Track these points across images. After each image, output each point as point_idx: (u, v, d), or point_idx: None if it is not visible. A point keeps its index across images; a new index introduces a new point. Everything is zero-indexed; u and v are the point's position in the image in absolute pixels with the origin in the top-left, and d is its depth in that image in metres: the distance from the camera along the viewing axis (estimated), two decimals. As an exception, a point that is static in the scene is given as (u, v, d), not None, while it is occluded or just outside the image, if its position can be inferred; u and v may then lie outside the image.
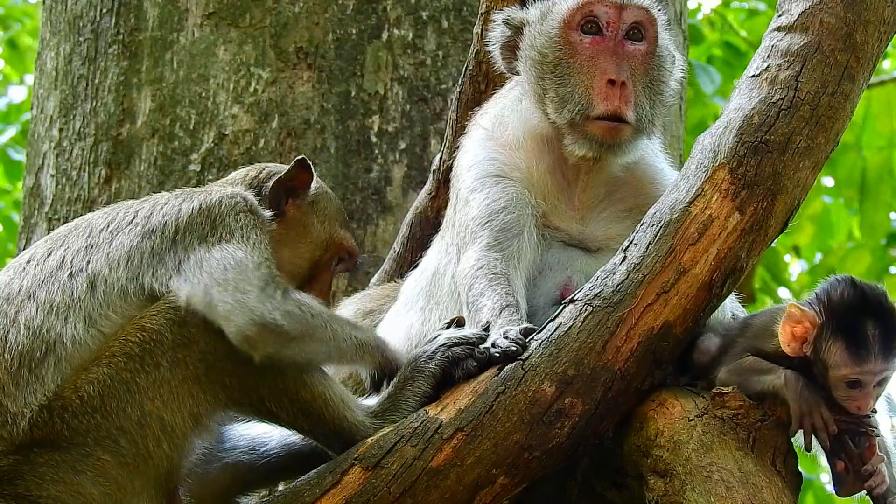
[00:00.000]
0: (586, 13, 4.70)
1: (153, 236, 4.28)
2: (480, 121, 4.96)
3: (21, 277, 4.27)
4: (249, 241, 4.31)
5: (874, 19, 4.35)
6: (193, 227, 4.31)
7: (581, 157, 4.69)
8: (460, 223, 4.78)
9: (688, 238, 4.24)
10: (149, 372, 4.12)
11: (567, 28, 4.71)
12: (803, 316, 4.16)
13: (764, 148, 4.25)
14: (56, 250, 4.32)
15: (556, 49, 4.71)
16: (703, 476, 4.10)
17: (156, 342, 4.13)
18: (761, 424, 4.18)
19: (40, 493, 4.07)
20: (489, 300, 4.48)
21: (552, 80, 4.70)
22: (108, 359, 4.11)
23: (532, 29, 4.79)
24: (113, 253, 4.25)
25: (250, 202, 4.45)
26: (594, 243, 4.75)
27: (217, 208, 4.36)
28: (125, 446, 4.09)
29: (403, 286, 5.06)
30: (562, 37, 4.71)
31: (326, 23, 6.84)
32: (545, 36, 4.74)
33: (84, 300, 4.19)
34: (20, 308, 4.18)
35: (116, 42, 6.98)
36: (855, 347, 4.09)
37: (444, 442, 4.17)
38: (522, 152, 4.79)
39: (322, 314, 4.28)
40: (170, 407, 4.13)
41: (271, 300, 4.17)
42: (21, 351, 4.12)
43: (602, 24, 4.69)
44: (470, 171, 4.82)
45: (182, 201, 4.38)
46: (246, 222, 4.37)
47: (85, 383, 4.09)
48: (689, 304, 4.22)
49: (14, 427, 4.07)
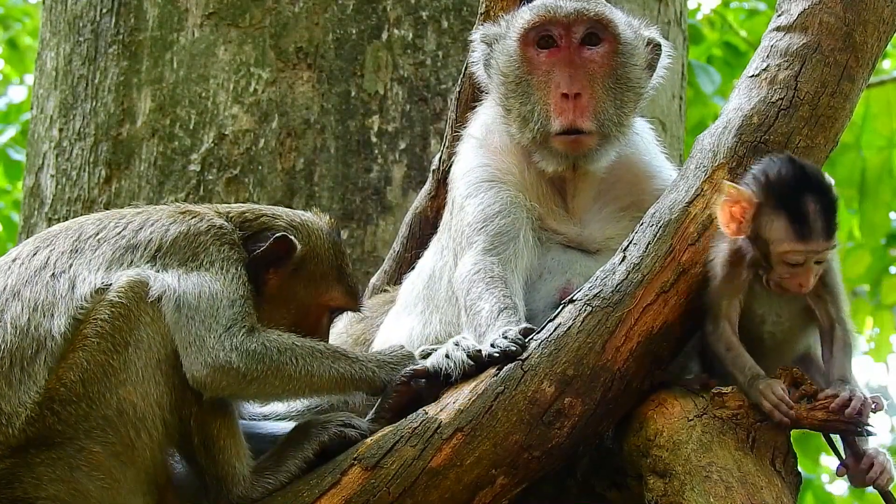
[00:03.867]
0: (539, 29, 4.68)
1: (134, 252, 4.32)
2: (471, 130, 4.97)
3: (6, 276, 4.31)
4: (228, 275, 4.32)
5: (873, 19, 4.35)
6: (176, 248, 4.34)
7: (553, 171, 4.69)
8: (456, 228, 4.78)
9: (687, 238, 4.24)
10: (119, 353, 4.15)
11: (524, 45, 4.70)
12: (740, 195, 4.12)
13: (763, 148, 4.25)
14: (42, 250, 4.36)
15: (516, 67, 4.72)
16: (702, 476, 4.10)
17: (123, 317, 4.17)
18: (760, 424, 4.18)
19: (38, 495, 4.09)
20: (487, 303, 4.48)
21: (515, 98, 4.71)
22: (83, 341, 4.16)
23: (497, 46, 4.79)
24: (94, 261, 4.30)
25: (236, 240, 4.44)
26: (593, 244, 4.75)
27: (203, 236, 4.38)
28: (112, 435, 4.14)
29: (401, 288, 5.07)
30: (520, 54, 4.71)
31: (326, 23, 6.84)
32: (505, 55, 4.74)
33: (66, 297, 4.23)
34: (5, 307, 4.22)
35: (116, 42, 6.98)
36: (797, 224, 4.06)
37: (443, 442, 4.17)
38: (513, 157, 4.79)
39: (294, 351, 4.30)
40: (139, 392, 4.16)
41: (232, 339, 4.22)
42: (11, 350, 4.15)
43: (556, 37, 4.68)
44: (464, 178, 4.82)
45: (172, 222, 4.40)
46: (229, 255, 4.37)
47: (66, 370, 4.14)
48: (688, 303, 4.22)
49: (10, 428, 4.09)
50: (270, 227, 4.54)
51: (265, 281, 4.49)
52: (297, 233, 4.55)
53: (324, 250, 4.62)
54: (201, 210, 4.53)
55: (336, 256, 4.65)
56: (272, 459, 4.36)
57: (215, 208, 4.59)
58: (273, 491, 4.29)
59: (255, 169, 6.68)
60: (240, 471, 4.29)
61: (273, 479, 4.31)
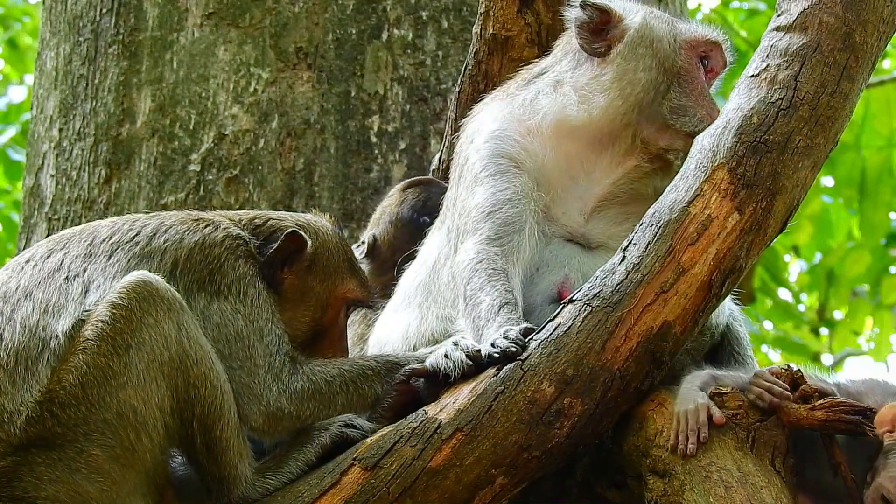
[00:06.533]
0: (708, 50, 4.89)
1: (150, 261, 4.34)
2: (509, 94, 4.98)
3: (18, 277, 4.33)
4: (248, 299, 4.38)
5: (873, 19, 4.35)
6: (192, 265, 4.37)
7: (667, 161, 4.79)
8: (462, 207, 4.78)
9: (687, 238, 4.24)
10: (120, 355, 4.15)
11: (692, 48, 4.85)
12: None
13: (763, 148, 4.25)
14: (56, 252, 4.37)
15: (682, 60, 4.81)
16: (702, 476, 4.10)
17: (125, 319, 4.17)
18: (760, 424, 4.18)
19: (38, 495, 4.10)
20: (488, 296, 4.48)
21: (675, 85, 4.78)
22: (83, 343, 4.16)
23: (643, 27, 4.83)
24: (109, 268, 4.31)
25: (251, 249, 4.48)
26: (594, 240, 4.75)
27: (217, 249, 4.42)
28: (111, 438, 4.14)
29: (402, 280, 5.05)
30: (688, 52, 4.83)
31: (326, 23, 6.84)
32: (668, 42, 4.82)
33: (76, 301, 4.24)
34: (16, 306, 4.23)
35: (116, 42, 6.98)
36: None
37: (443, 442, 4.18)
38: (541, 139, 4.80)
39: (335, 378, 4.40)
40: (140, 395, 4.16)
41: (278, 382, 4.31)
42: (17, 349, 4.16)
43: (707, 67, 4.88)
44: (487, 143, 4.83)
45: (186, 230, 4.43)
46: (245, 271, 4.42)
47: (66, 373, 4.14)
48: (688, 303, 4.22)
49: (11, 426, 4.10)
50: (279, 227, 4.60)
51: (281, 281, 4.54)
52: (305, 230, 4.61)
53: (333, 244, 4.70)
54: (215, 218, 4.56)
55: (345, 250, 4.75)
56: (274, 460, 4.37)
57: (228, 215, 4.63)
58: (274, 491, 4.30)
59: (255, 169, 6.68)
60: (242, 471, 4.30)
61: (274, 480, 4.32)
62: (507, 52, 5.50)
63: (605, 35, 4.84)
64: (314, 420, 4.39)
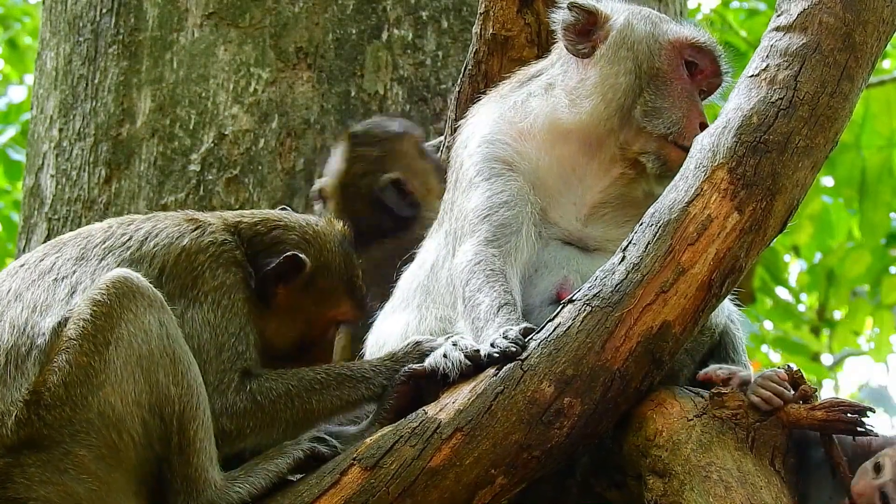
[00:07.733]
0: (695, 52, 4.80)
1: (140, 266, 4.34)
2: (503, 95, 4.95)
3: (11, 280, 4.36)
4: (219, 310, 4.35)
5: (873, 19, 4.35)
6: (177, 271, 4.37)
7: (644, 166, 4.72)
8: (459, 211, 4.77)
9: (687, 238, 4.24)
10: (101, 353, 4.14)
11: (675, 50, 4.78)
12: None
13: (763, 148, 4.25)
14: (50, 255, 4.40)
15: (661, 62, 4.75)
16: (701, 476, 4.10)
17: (105, 315, 4.16)
18: (760, 424, 4.18)
19: (30, 496, 4.10)
20: (487, 297, 4.47)
21: (649, 87, 4.73)
22: (67, 343, 4.16)
23: (625, 29, 4.79)
24: (99, 271, 4.32)
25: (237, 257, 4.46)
26: (592, 243, 4.75)
27: (202, 255, 4.40)
28: (95, 438, 4.13)
29: (400, 281, 5.04)
30: (669, 53, 4.77)
31: (326, 23, 6.84)
32: (647, 43, 4.77)
33: (62, 301, 4.25)
34: (6, 308, 4.25)
35: (116, 42, 6.98)
36: None
37: (442, 442, 4.17)
38: (534, 142, 4.78)
39: (289, 394, 4.36)
40: (117, 392, 4.14)
41: (222, 399, 4.30)
42: (7, 348, 4.17)
43: (695, 70, 4.80)
44: (480, 148, 4.81)
45: (178, 235, 4.42)
46: (223, 280, 4.40)
47: (50, 374, 4.14)
48: (687, 303, 4.22)
49: (3, 427, 4.11)
50: (282, 240, 4.55)
51: (274, 295, 4.51)
52: (309, 246, 4.57)
53: (335, 265, 4.64)
54: (207, 220, 4.53)
55: (347, 268, 4.67)
56: (245, 469, 4.34)
57: (224, 218, 4.59)
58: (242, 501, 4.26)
59: (255, 169, 6.68)
60: (212, 475, 4.26)
61: (242, 489, 4.27)
62: (506, 52, 5.50)
63: (591, 36, 4.83)
64: (258, 443, 4.35)
